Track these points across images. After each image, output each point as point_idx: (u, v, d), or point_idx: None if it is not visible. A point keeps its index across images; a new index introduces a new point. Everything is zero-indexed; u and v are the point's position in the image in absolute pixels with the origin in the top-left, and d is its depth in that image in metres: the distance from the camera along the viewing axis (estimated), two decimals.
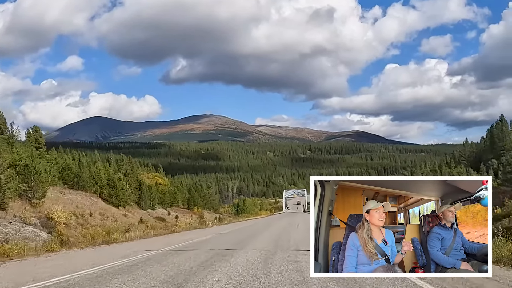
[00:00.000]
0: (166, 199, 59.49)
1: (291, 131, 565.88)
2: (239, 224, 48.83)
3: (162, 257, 13.19)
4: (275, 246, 15.98)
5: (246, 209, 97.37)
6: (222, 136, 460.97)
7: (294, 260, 11.35)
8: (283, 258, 11.95)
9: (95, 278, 9.15)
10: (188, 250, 15.29)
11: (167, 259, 12.39)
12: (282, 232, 27.23)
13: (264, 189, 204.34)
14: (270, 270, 9.58)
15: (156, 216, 50.52)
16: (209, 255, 13.01)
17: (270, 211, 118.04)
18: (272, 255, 12.81)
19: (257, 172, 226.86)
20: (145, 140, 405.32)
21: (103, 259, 12.67)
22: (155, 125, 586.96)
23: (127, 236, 23.60)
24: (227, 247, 16.01)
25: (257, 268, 9.92)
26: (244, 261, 11.30)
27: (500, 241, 11.30)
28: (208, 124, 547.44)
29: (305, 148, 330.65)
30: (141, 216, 41.16)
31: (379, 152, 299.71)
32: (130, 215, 40.08)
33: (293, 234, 24.13)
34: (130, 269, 10.42)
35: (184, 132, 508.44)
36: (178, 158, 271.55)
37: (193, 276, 9.03)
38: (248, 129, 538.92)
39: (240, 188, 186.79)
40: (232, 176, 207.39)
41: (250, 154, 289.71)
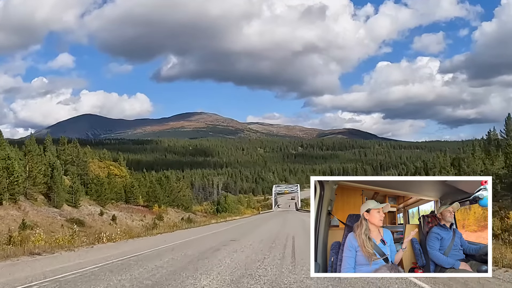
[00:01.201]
0: (122, 194, 42.01)
1: (283, 128, 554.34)
2: (208, 229, 32.99)
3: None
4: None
5: (228, 207, 78.56)
6: (213, 133, 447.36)
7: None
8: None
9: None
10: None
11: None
12: (265, 253, 13.01)
13: (253, 185, 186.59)
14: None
15: (73, 217, 31.64)
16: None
17: (257, 209, 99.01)
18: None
19: (246, 168, 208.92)
20: (135, 137, 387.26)
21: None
22: (146, 123, 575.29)
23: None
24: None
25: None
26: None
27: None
28: (199, 122, 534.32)
29: (297, 144, 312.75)
30: (33, 217, 23.64)
31: (373, 148, 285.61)
32: (15, 214, 22.88)
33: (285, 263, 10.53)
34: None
35: (174, 129, 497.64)
36: (165, 154, 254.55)
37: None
38: (239, 127, 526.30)
39: (226, 184, 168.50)
40: (219, 172, 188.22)
41: (239, 150, 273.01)
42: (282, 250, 13.45)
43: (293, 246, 14.83)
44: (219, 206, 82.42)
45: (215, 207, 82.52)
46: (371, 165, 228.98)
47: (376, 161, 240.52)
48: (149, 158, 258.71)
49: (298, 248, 13.95)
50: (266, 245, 15.62)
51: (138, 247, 16.23)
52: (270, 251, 13.30)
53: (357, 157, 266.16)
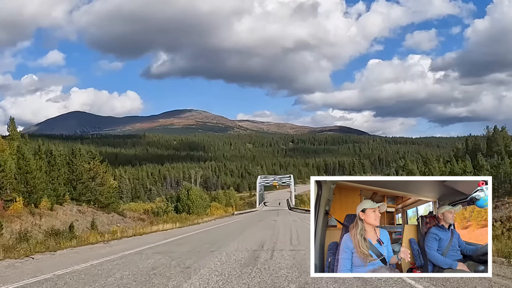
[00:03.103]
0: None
1: (273, 126, 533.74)
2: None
3: None
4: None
5: (193, 204, 49.98)
6: (202, 131, 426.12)
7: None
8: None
9: None
10: None
11: None
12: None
13: (238, 180, 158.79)
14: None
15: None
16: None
17: (233, 209, 69.10)
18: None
19: (232, 162, 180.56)
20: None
21: None
22: (135, 120, 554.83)
23: None
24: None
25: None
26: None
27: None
28: (188, 119, 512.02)
29: (288, 140, 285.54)
30: None
31: (368, 143, 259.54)
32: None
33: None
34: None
35: (163, 126, 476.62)
36: (146, 148, 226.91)
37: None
38: (229, 124, 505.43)
39: (206, 179, 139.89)
40: (202, 166, 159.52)
41: (227, 145, 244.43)
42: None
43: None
44: (180, 203, 54.42)
45: (173, 204, 54.64)
46: (369, 159, 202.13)
47: (374, 156, 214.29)
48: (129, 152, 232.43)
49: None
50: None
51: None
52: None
53: (351, 152, 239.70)
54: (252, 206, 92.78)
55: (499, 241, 13.12)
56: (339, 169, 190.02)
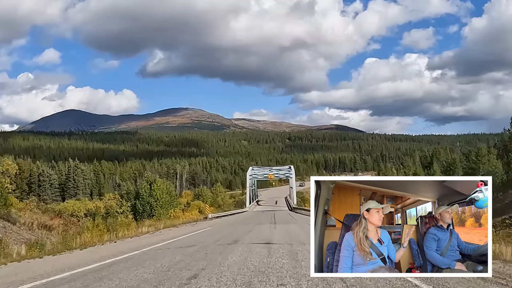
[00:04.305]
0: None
1: (269, 124, 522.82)
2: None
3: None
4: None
5: (157, 203, 31.88)
6: (198, 129, 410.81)
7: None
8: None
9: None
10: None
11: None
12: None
13: (230, 177, 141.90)
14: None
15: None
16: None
17: (208, 210, 50.13)
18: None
19: (225, 159, 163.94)
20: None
21: None
22: (131, 118, 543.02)
23: None
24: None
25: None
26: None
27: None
28: (184, 118, 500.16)
29: (284, 137, 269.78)
30: None
31: (367, 140, 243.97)
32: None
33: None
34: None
35: (159, 125, 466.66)
36: (137, 144, 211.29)
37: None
38: (225, 123, 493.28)
39: (194, 174, 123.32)
40: (191, 162, 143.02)
41: (221, 142, 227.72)
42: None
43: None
44: (139, 201, 37.92)
45: (129, 203, 38.21)
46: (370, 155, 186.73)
47: (375, 152, 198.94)
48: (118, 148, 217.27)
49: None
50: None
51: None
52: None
53: (351, 149, 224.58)
54: (241, 205, 71.31)
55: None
56: (340, 166, 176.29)
